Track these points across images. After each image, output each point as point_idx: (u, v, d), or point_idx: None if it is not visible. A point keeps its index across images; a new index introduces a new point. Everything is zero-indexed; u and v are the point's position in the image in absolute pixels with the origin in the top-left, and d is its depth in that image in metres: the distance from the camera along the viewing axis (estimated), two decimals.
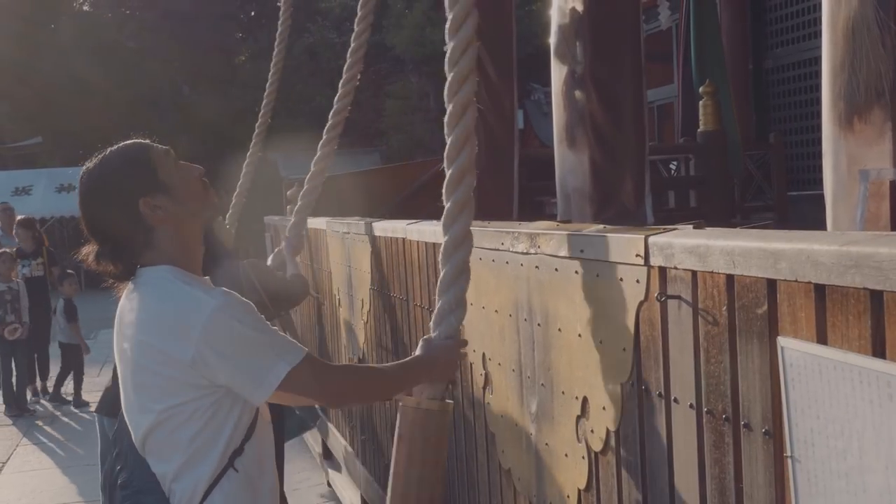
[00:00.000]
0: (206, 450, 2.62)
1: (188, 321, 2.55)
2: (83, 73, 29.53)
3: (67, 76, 29.78)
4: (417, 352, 2.92)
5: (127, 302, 2.72)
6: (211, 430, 2.61)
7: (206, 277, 2.79)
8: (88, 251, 2.74)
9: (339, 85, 6.12)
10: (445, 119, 2.90)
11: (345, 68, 6.12)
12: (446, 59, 2.92)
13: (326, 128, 6.19)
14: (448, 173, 2.87)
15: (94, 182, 2.73)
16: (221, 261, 5.18)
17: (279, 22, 8.11)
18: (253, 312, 2.63)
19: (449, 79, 2.90)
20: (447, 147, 2.88)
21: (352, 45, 6.10)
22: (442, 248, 2.87)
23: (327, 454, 7.88)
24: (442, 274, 2.87)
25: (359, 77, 6.19)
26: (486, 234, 3.31)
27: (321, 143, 6.21)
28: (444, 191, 2.88)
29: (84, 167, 2.77)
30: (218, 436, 2.62)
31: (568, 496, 2.88)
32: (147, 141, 2.81)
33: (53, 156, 30.57)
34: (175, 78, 32.19)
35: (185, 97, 31.79)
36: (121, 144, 2.80)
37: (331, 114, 6.15)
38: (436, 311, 2.90)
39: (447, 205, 2.86)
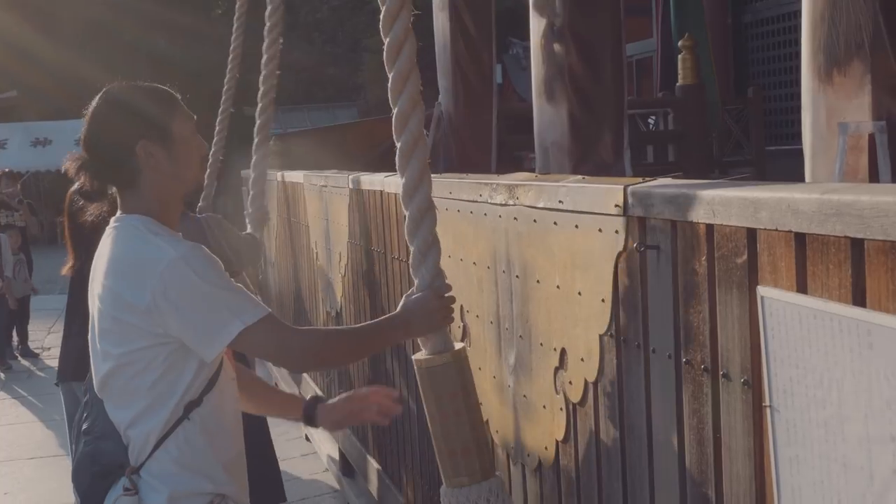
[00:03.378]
0: (163, 399, 2.63)
1: (147, 268, 2.56)
2: (58, 26, 29.24)
3: (42, 30, 29.46)
4: (397, 309, 2.90)
5: (101, 248, 2.74)
6: (169, 380, 2.62)
7: (180, 233, 2.78)
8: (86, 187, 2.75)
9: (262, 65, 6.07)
10: (385, 55, 2.84)
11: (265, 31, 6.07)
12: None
13: (256, 128, 6.16)
14: (395, 112, 2.81)
15: (111, 103, 2.74)
16: (184, 215, 5.18)
17: None
18: (216, 268, 2.63)
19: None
20: (390, 83, 2.82)
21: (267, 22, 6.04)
22: (401, 193, 2.82)
23: None
24: (406, 221, 2.82)
25: (281, 41, 6.13)
26: (464, 186, 3.29)
27: (254, 145, 6.20)
28: (393, 131, 2.81)
29: (114, 84, 2.78)
30: (175, 385, 2.63)
31: (546, 447, 2.88)
32: (178, 96, 2.81)
33: (29, 110, 30.30)
34: (151, 31, 31.88)
35: (161, 51, 31.50)
36: (155, 84, 2.82)
37: (258, 105, 6.11)
38: (410, 261, 2.87)
39: (398, 146, 2.80)
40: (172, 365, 2.62)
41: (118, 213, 2.73)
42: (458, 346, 2.85)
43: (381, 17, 2.78)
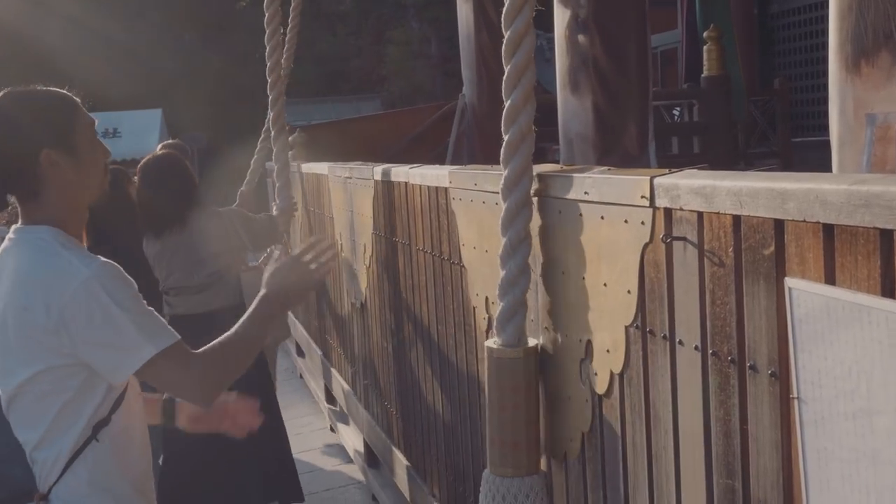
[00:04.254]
0: (71, 420, 2.55)
1: (57, 286, 2.47)
2: (84, 20, 29.33)
3: (68, 23, 29.58)
4: (262, 288, 2.79)
5: (2, 260, 2.62)
6: (78, 401, 2.55)
7: (84, 245, 2.69)
8: None
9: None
10: (504, 48, 2.82)
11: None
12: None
13: (270, 119, 6.24)
14: (507, 105, 2.77)
15: (10, 110, 2.60)
16: (203, 207, 5.23)
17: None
18: (128, 288, 2.54)
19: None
20: (506, 76, 2.79)
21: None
22: (501, 185, 2.79)
23: (330, 399, 7.90)
24: (502, 213, 2.78)
25: (281, 31, 6.17)
26: (489, 178, 3.28)
27: (272, 136, 6.27)
28: (503, 123, 2.82)
29: (10, 89, 2.65)
30: (84, 406, 2.56)
31: (571, 439, 2.88)
32: (79, 100, 2.71)
33: None
34: (177, 24, 31.98)
35: (186, 43, 31.60)
36: (55, 89, 2.70)
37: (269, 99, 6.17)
38: (500, 253, 2.84)
39: (506, 138, 2.78)
40: (82, 384, 2.54)
41: (20, 222, 2.62)
42: (531, 342, 2.85)
43: (504, 10, 2.76)
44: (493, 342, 2.86)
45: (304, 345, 8.89)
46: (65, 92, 2.70)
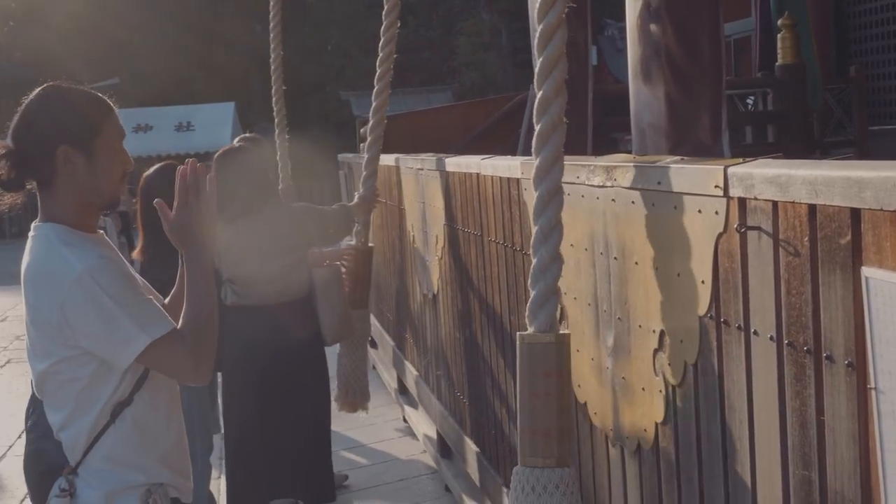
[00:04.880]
0: (88, 404, 2.67)
1: (54, 283, 2.60)
2: (157, 14, 29.70)
3: (141, 18, 29.98)
4: (186, 266, 2.76)
5: (24, 255, 2.75)
6: (93, 387, 2.67)
7: (101, 232, 2.78)
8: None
9: (381, 33, 6.11)
10: (537, 40, 2.83)
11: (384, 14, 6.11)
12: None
13: (372, 109, 6.26)
14: (538, 96, 2.79)
15: (44, 102, 2.71)
16: (277, 201, 5.33)
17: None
18: (122, 281, 2.64)
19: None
20: (538, 67, 2.80)
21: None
22: (533, 174, 2.80)
23: (403, 390, 7.94)
24: (534, 201, 2.79)
25: (398, 24, 6.18)
26: None
27: (369, 126, 6.29)
28: (534, 114, 2.80)
29: (55, 83, 2.75)
30: (100, 391, 2.67)
31: (645, 430, 2.87)
32: (116, 109, 2.78)
33: (130, 96, 30.98)
34: (247, 17, 32.26)
35: (257, 36, 31.88)
36: (94, 92, 2.78)
37: (375, 86, 6.18)
38: (532, 241, 2.84)
39: (537, 128, 2.79)
40: (96, 373, 2.66)
41: (38, 218, 2.73)
42: (563, 331, 2.83)
43: (539, 4, 2.78)
44: (524, 331, 2.83)
45: (377, 336, 8.94)
46: (102, 96, 2.79)
